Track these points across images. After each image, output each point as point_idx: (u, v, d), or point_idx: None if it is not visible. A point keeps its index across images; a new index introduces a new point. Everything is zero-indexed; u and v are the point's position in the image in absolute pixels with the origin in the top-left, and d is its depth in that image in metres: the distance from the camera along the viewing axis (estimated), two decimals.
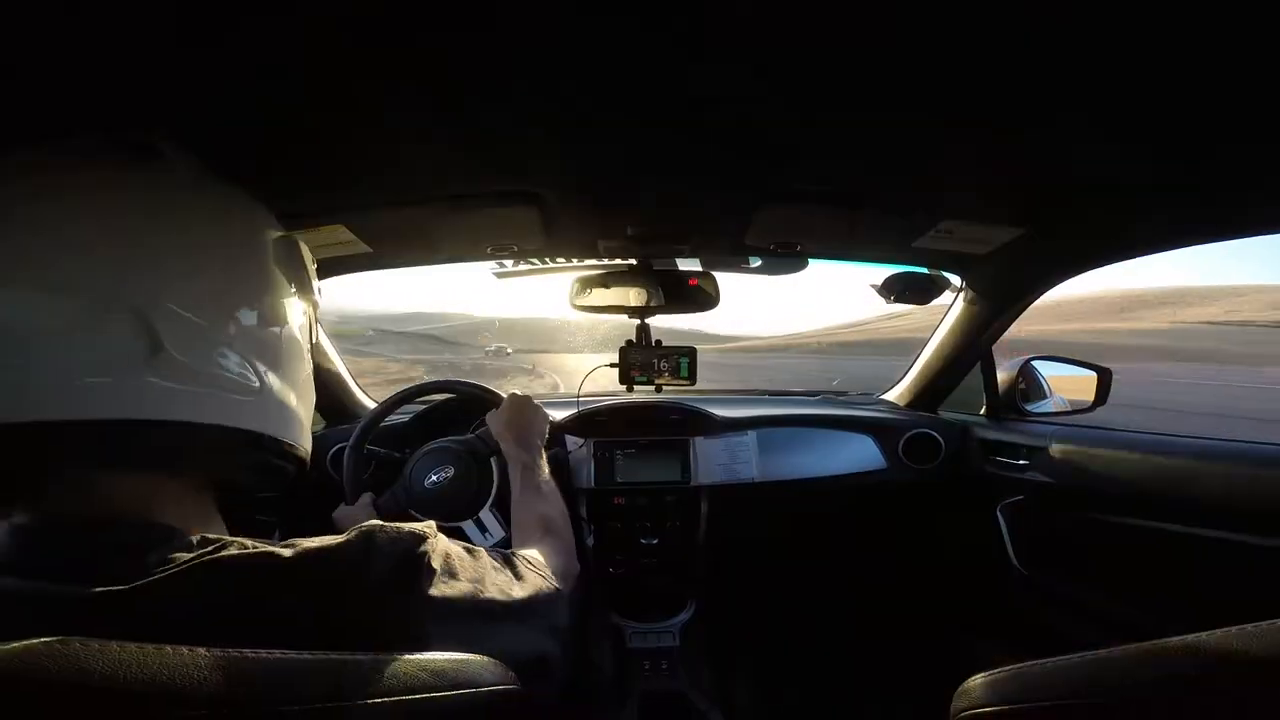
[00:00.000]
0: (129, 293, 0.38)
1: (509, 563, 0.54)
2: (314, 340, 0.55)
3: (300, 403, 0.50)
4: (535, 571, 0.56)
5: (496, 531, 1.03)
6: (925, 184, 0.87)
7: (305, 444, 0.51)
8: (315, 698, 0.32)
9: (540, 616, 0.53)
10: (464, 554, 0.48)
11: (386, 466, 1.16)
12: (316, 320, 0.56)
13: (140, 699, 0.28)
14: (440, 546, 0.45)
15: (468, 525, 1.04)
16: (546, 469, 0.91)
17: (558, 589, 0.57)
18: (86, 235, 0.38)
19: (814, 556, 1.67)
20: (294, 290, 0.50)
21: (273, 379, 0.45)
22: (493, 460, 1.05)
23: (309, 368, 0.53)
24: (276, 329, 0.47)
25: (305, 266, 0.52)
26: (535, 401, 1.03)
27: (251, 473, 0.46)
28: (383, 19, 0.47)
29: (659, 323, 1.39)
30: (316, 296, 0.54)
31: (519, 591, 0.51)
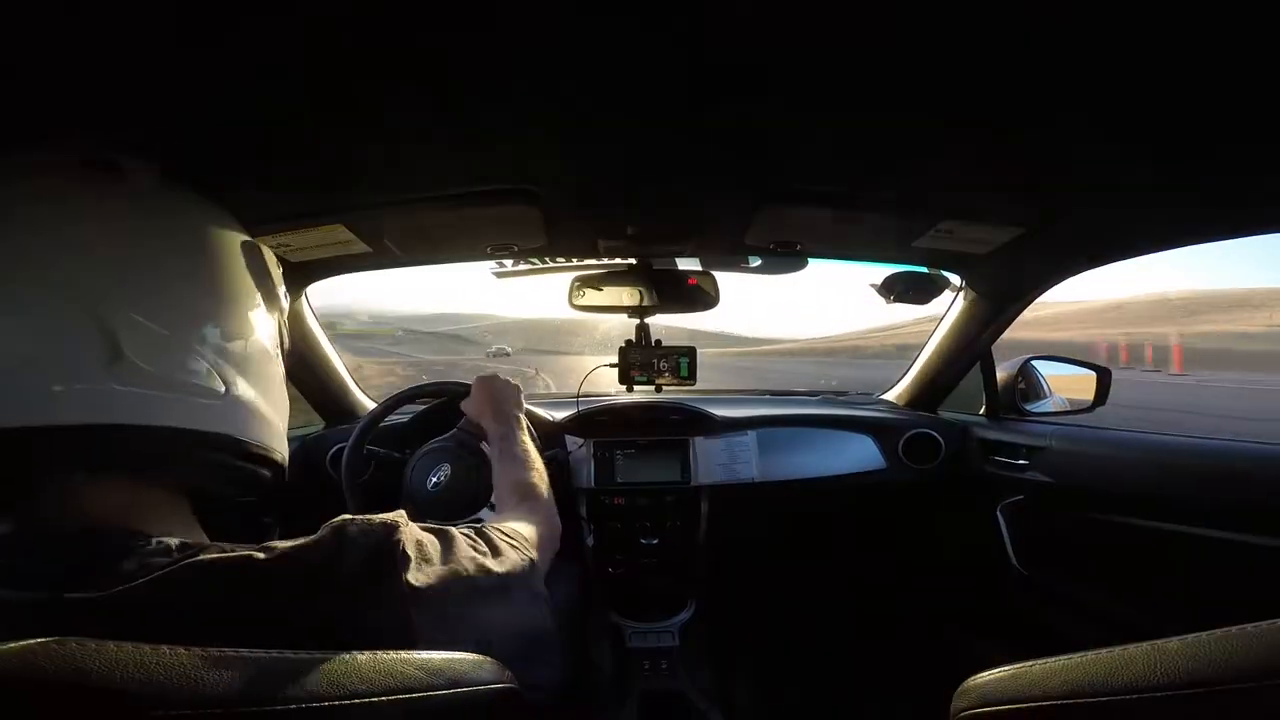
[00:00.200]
0: (91, 301, 0.39)
1: (484, 537, 0.53)
2: (285, 345, 0.55)
3: (271, 407, 0.49)
4: (510, 542, 0.55)
5: None
6: (925, 184, 0.87)
7: (279, 447, 0.50)
8: (313, 696, 0.32)
9: (520, 590, 0.52)
10: (435, 539, 0.47)
11: (386, 466, 1.15)
12: (285, 325, 0.56)
13: (137, 699, 0.28)
14: (412, 534, 0.45)
15: (485, 514, 1.03)
16: (524, 436, 0.90)
17: (533, 560, 0.57)
18: (48, 246, 0.39)
19: (814, 556, 1.67)
20: (260, 296, 0.50)
21: (241, 383, 0.46)
22: (484, 447, 1.05)
23: (280, 372, 0.53)
24: (243, 334, 0.47)
25: (271, 273, 0.52)
26: (501, 377, 1.02)
27: (224, 477, 0.46)
28: (383, 19, 0.47)
29: (684, 323, 1.38)
30: (283, 301, 0.54)
31: (498, 567, 0.50)
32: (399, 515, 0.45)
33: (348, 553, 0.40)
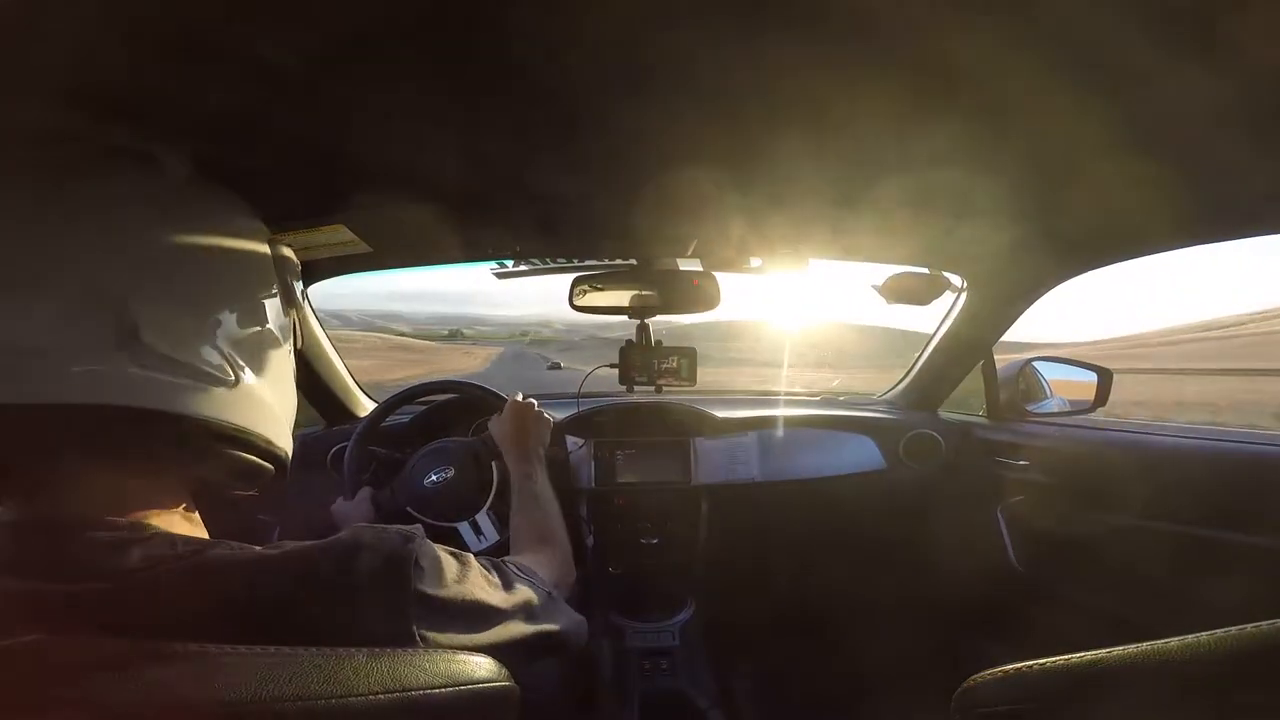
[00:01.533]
0: (113, 286, 0.39)
1: (498, 570, 0.53)
2: (298, 344, 0.55)
3: (279, 402, 0.50)
4: (525, 579, 0.55)
5: (491, 535, 1.04)
6: (925, 184, 0.87)
7: (283, 443, 0.50)
8: (312, 694, 0.32)
9: (531, 617, 0.52)
10: (451, 558, 0.48)
11: (386, 466, 1.16)
12: (300, 323, 0.56)
13: (130, 695, 0.28)
14: (429, 549, 0.45)
15: (462, 526, 1.04)
16: (545, 477, 0.91)
17: (550, 594, 0.57)
18: (73, 230, 0.39)
19: (814, 557, 1.67)
20: (279, 292, 0.51)
21: (250, 375, 0.46)
22: (494, 464, 1.06)
23: (290, 369, 0.53)
24: (256, 328, 0.48)
25: (290, 270, 0.53)
26: (538, 409, 1.03)
27: (227, 468, 0.46)
28: (384, 25, 0.47)
29: (906, 325, 1.32)
30: (299, 300, 0.55)
31: (509, 597, 0.51)
32: (416, 529, 0.45)
33: (362, 558, 0.40)
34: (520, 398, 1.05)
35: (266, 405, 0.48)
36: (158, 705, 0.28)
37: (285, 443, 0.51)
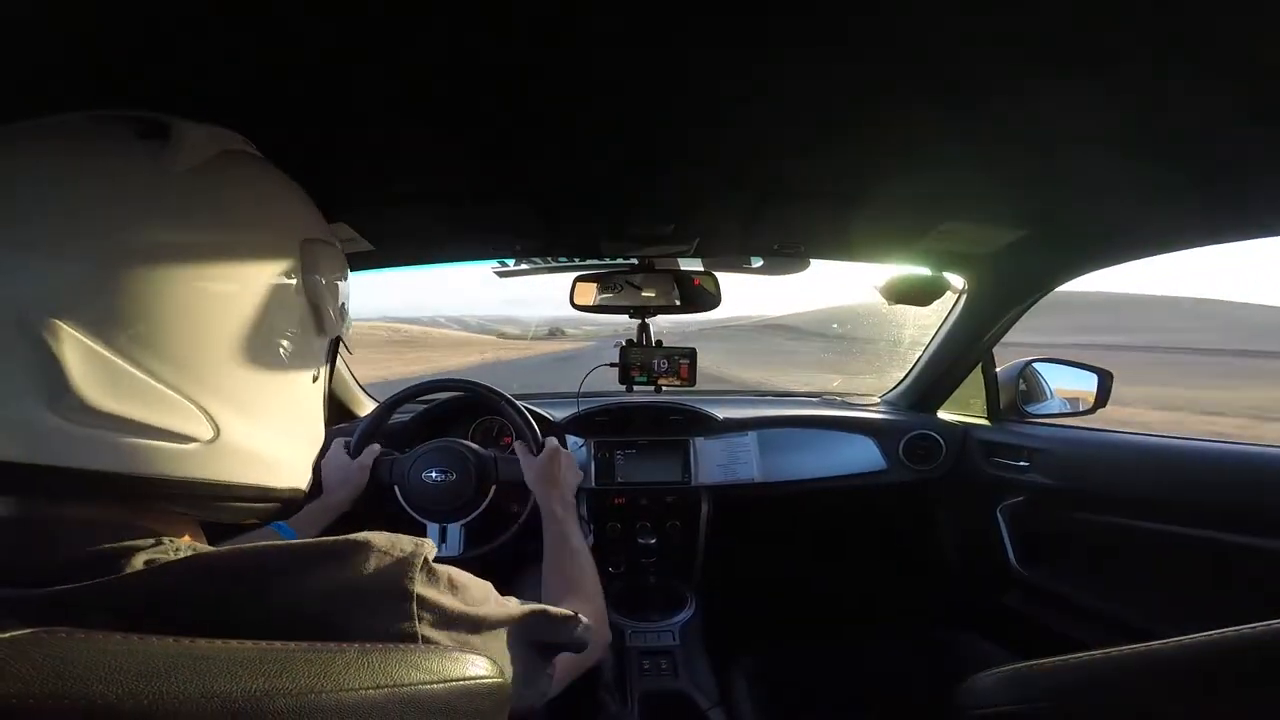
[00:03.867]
0: (30, 309, 0.32)
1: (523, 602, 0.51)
2: (334, 361, 0.50)
3: (285, 447, 0.45)
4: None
5: (453, 547, 1.07)
6: (925, 184, 0.87)
7: (286, 484, 0.45)
8: (304, 689, 0.32)
9: (542, 633, 0.51)
10: (465, 578, 0.46)
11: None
12: (343, 340, 0.51)
13: (124, 689, 0.28)
14: (441, 562, 0.44)
15: (432, 528, 1.07)
16: (579, 530, 0.90)
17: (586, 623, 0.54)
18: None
19: (814, 557, 1.67)
20: (312, 317, 0.45)
21: (240, 425, 0.40)
22: (494, 488, 1.08)
23: (310, 406, 0.47)
24: (259, 366, 0.41)
25: (327, 277, 0.45)
26: (574, 460, 1.05)
27: (220, 514, 0.43)
28: (385, 24, 0.47)
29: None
30: (337, 322, 0.47)
31: (518, 609, 0.49)
32: (427, 540, 0.44)
33: (370, 560, 0.39)
34: (561, 446, 1.06)
35: (262, 456, 0.41)
36: (146, 699, 0.28)
37: (290, 481, 0.46)
